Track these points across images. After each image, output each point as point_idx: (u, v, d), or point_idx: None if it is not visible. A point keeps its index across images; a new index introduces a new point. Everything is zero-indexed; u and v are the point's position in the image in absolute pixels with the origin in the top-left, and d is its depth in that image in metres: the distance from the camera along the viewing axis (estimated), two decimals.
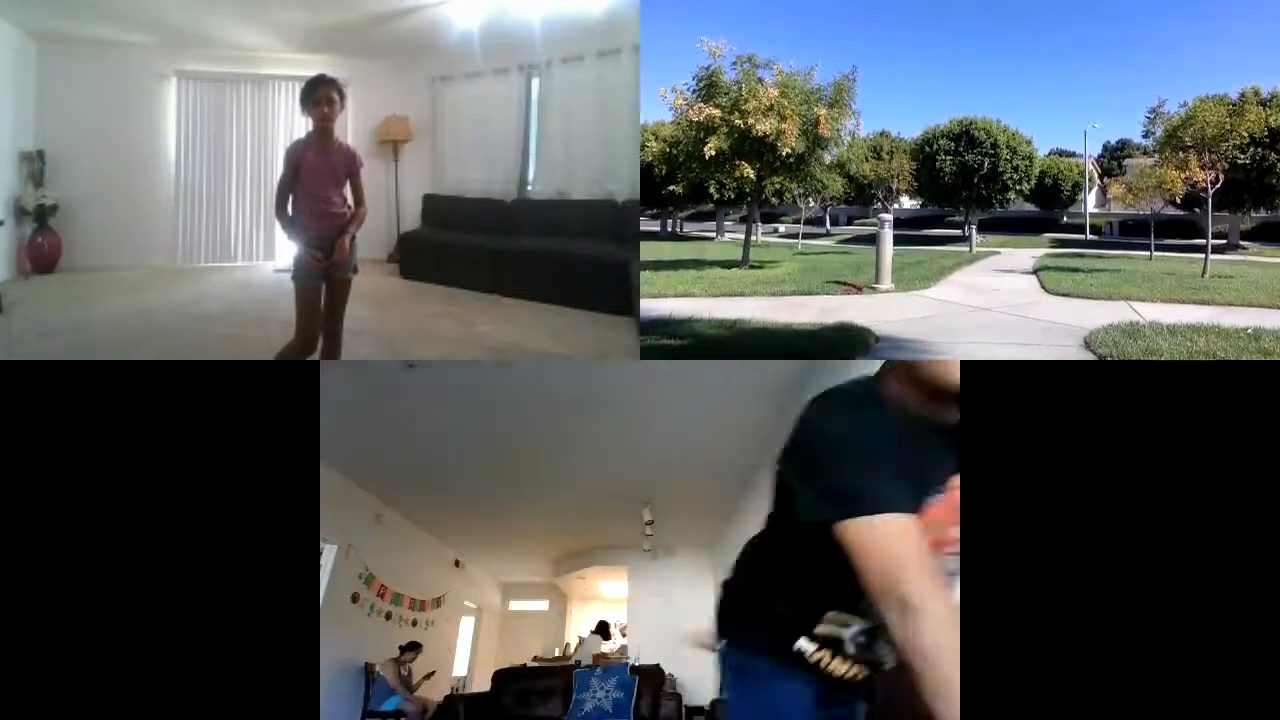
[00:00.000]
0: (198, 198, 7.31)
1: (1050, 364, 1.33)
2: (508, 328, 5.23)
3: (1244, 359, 5.27)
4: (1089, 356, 5.63)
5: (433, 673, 7.02)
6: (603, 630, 8.30)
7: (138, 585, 1.43)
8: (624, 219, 5.92)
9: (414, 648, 6.54)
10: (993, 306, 8.75)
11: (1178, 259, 16.28)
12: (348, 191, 3.60)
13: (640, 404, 4.82)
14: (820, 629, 1.41)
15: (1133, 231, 24.58)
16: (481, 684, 6.99)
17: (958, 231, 24.57)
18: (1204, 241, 13.86)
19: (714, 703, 4.61)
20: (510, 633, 11.18)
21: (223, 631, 1.43)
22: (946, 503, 1.27)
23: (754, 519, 6.28)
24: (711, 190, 16.06)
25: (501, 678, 5.99)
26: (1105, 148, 37.23)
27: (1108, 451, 1.38)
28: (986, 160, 20.94)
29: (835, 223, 30.42)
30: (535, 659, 8.98)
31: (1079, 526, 1.36)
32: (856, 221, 29.66)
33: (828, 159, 14.57)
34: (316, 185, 3.49)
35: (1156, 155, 14.18)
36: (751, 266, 14.54)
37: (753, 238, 16.87)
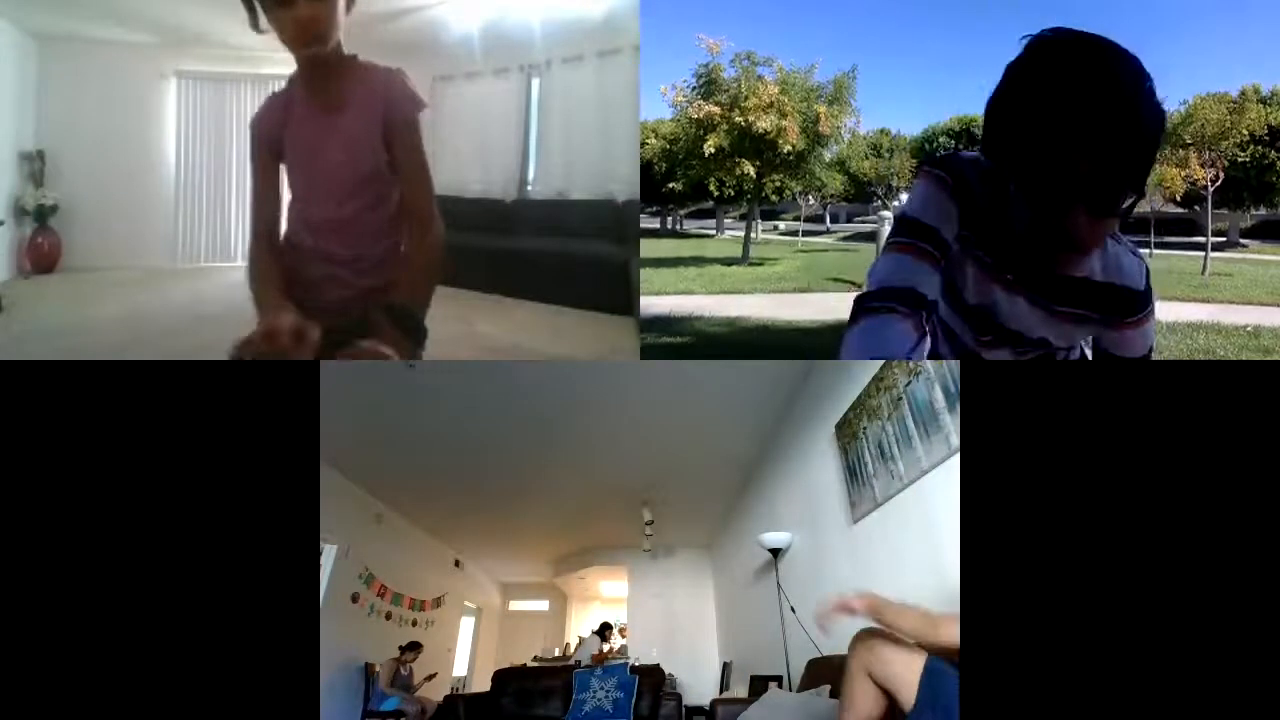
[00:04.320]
0: (198, 198, 7.31)
1: (1050, 364, 1.34)
2: (508, 328, 5.23)
3: (1244, 357, 5.27)
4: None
5: (435, 674, 7.02)
6: (603, 631, 8.31)
7: (138, 585, 1.43)
8: (624, 219, 5.92)
9: (414, 648, 6.54)
10: None
11: (1177, 257, 16.28)
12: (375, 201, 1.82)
13: (640, 404, 4.82)
14: None
15: (1132, 229, 24.49)
16: (481, 684, 6.99)
17: None
18: (1204, 239, 13.86)
19: (714, 703, 4.61)
20: (510, 633, 11.19)
21: (223, 631, 1.43)
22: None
23: (754, 519, 6.26)
24: (711, 188, 16.09)
25: (501, 678, 5.98)
26: None
27: (1106, 451, 1.37)
28: None
29: (835, 220, 30.42)
30: (535, 659, 8.98)
31: (1077, 526, 1.36)
32: (856, 219, 29.67)
33: (828, 156, 14.59)
34: (319, 198, 1.80)
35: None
36: (751, 264, 14.55)
37: (752, 235, 16.87)
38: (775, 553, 4.88)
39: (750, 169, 13.37)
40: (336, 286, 1.84)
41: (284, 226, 1.86)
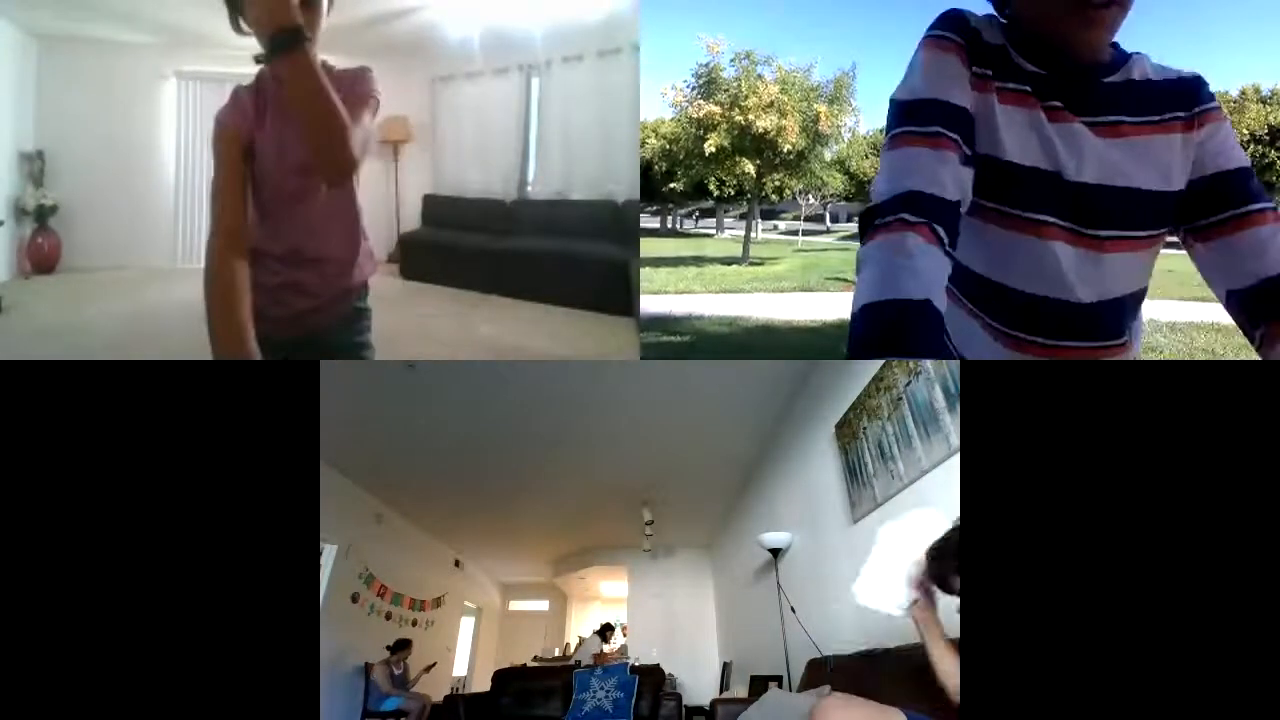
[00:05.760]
0: (198, 198, 7.31)
1: (1050, 363, 1.33)
2: (508, 328, 5.23)
3: (1244, 357, 5.28)
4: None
5: (434, 664, 7.01)
6: (604, 631, 8.32)
7: (138, 585, 1.43)
8: (624, 219, 5.93)
9: (402, 646, 6.49)
10: None
11: (1178, 256, 16.25)
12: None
13: (640, 404, 4.82)
14: None
15: None
16: (481, 684, 7.00)
17: None
18: None
19: (714, 702, 4.61)
20: (510, 633, 11.20)
21: (223, 632, 1.43)
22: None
23: (754, 519, 6.25)
24: (711, 187, 16.12)
25: (501, 678, 5.99)
26: None
27: (1106, 451, 1.37)
28: None
29: (835, 219, 30.44)
30: (535, 659, 8.99)
31: (1077, 526, 1.36)
32: (856, 218, 29.70)
33: (828, 155, 14.61)
34: (288, 200, 1.79)
35: None
36: (751, 264, 14.57)
37: (752, 235, 16.88)
38: (775, 553, 4.88)
39: (750, 168, 13.38)
40: (299, 295, 1.82)
41: (266, 238, 1.79)
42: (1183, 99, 1.18)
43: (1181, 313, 7.44)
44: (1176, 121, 1.17)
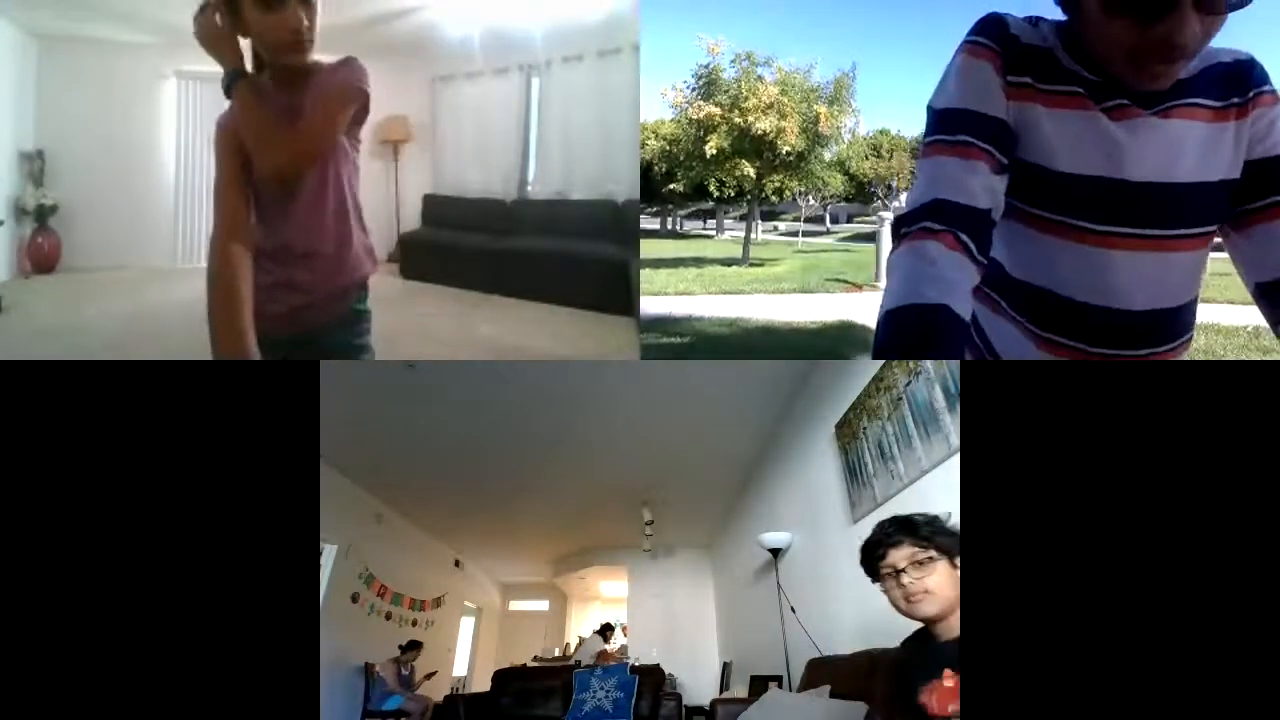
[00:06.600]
0: (198, 198, 7.31)
1: (1049, 364, 1.32)
2: (508, 328, 5.23)
3: (1244, 358, 5.27)
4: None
5: (435, 673, 7.03)
6: (605, 631, 8.32)
7: (138, 585, 1.43)
8: (624, 219, 5.93)
9: (414, 647, 6.56)
10: None
11: None
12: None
13: (640, 404, 4.82)
14: None
15: None
16: (481, 684, 7.00)
17: None
18: None
19: (714, 702, 4.61)
20: (510, 633, 11.20)
21: (223, 632, 1.43)
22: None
23: (754, 519, 6.25)
24: (711, 189, 16.13)
25: (501, 678, 5.99)
26: None
27: (1106, 451, 1.37)
28: None
29: (835, 221, 30.45)
30: (535, 659, 8.99)
31: (1078, 526, 1.36)
32: (856, 219, 29.70)
33: (828, 156, 14.61)
34: (280, 200, 1.79)
35: None
36: (751, 264, 14.57)
37: (752, 236, 16.89)
38: (775, 553, 4.88)
39: (750, 169, 13.40)
40: (292, 292, 1.83)
41: (271, 235, 1.83)
42: (1238, 83, 1.16)
43: None
44: (1232, 108, 1.15)
